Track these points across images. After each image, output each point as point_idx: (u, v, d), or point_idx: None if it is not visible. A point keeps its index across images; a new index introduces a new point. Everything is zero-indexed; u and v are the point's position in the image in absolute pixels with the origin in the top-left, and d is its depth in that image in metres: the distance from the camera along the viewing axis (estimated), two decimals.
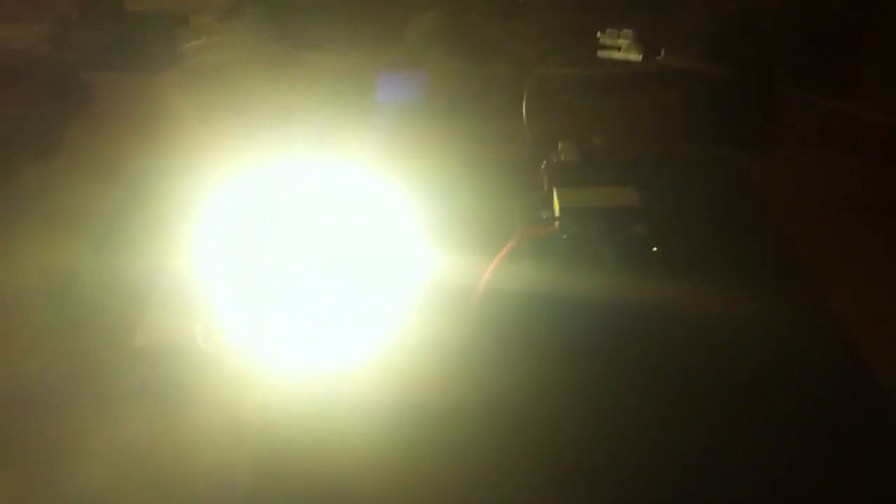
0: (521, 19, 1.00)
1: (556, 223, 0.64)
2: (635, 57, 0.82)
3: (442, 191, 0.72)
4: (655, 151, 0.81)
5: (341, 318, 0.58)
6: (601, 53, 0.82)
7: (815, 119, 0.87)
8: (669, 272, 0.65)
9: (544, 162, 0.72)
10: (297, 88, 0.95)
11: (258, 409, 0.54)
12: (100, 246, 0.70)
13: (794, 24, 0.93)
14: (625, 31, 0.81)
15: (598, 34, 0.82)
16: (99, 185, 0.79)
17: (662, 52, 0.84)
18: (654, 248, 0.65)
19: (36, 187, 0.80)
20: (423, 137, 0.83)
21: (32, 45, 1.05)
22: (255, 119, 0.86)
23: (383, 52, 1.03)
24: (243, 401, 0.54)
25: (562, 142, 0.72)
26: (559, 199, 0.66)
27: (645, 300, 0.64)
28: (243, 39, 1.04)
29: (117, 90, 0.98)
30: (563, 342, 0.62)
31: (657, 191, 0.68)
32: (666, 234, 0.65)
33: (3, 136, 0.83)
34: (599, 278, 0.63)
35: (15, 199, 0.78)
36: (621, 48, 0.81)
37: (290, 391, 0.56)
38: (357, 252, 0.58)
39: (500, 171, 0.77)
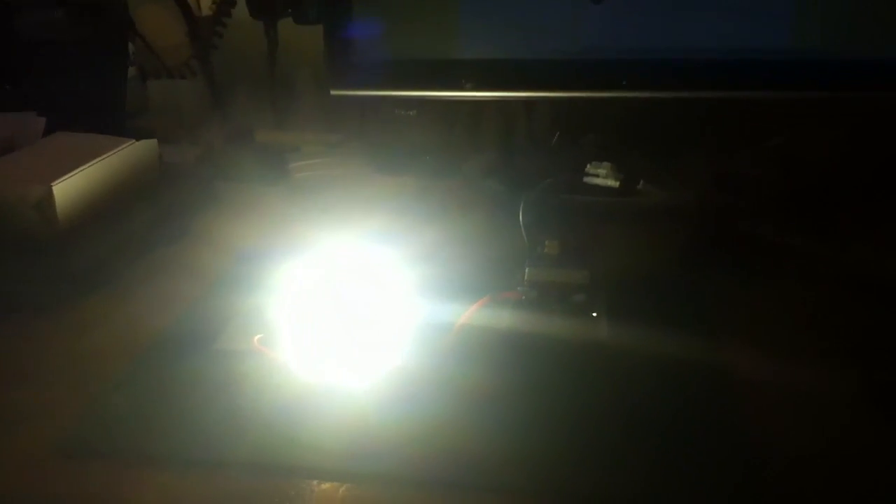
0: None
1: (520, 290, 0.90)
2: (613, 183, 1.08)
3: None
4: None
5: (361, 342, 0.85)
6: (586, 179, 1.08)
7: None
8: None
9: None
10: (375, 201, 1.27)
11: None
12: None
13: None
14: (605, 163, 1.08)
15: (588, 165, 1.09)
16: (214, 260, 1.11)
17: (641, 183, 1.10)
18: (594, 314, 0.89)
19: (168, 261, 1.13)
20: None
21: (185, 162, 1.42)
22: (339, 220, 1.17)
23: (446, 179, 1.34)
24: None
25: (548, 240, 0.98)
26: (527, 274, 0.91)
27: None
28: (339, 163, 1.38)
29: (239, 196, 1.33)
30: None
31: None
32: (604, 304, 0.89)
33: (147, 223, 1.17)
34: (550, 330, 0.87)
35: (148, 272, 1.10)
36: (600, 175, 1.07)
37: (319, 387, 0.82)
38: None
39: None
